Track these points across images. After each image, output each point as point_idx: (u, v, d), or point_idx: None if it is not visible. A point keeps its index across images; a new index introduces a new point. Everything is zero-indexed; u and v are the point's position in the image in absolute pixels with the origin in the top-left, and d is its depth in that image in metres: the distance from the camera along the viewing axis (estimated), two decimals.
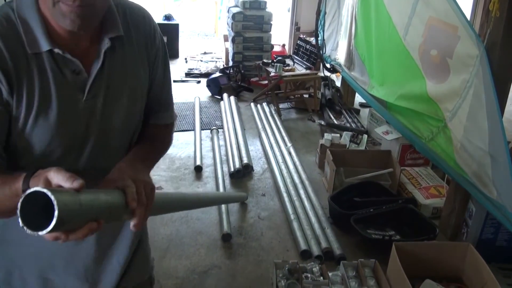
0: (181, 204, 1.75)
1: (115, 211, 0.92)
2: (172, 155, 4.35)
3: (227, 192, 3.67)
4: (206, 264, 2.87)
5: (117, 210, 0.93)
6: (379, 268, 2.54)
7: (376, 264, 2.57)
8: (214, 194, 3.49)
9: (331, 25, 5.93)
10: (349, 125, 5.11)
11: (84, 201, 0.83)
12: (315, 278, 2.50)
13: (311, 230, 3.09)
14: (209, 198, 2.87)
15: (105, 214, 0.89)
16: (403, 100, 3.54)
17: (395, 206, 3.19)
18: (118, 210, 0.93)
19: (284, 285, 2.44)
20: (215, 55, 8.60)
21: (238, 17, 6.71)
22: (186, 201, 1.88)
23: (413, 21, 3.37)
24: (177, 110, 5.54)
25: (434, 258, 2.56)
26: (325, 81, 6.00)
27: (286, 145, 4.44)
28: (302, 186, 3.67)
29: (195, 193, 2.26)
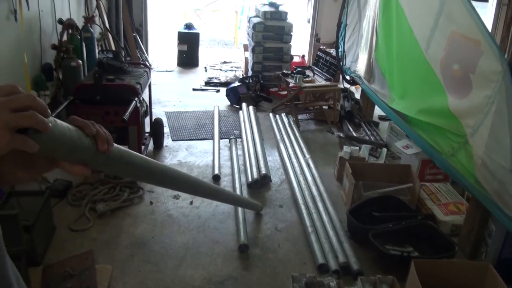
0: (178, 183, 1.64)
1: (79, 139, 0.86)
2: (190, 163, 4.37)
3: (243, 196, 3.68)
4: (223, 275, 2.86)
5: (80, 138, 0.86)
6: (397, 285, 2.52)
7: (394, 281, 2.55)
8: (228, 191, 3.47)
9: (351, 37, 5.92)
10: (368, 138, 5.08)
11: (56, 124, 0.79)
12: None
13: (329, 243, 3.08)
14: (221, 191, 2.82)
15: (75, 140, 0.85)
16: (423, 115, 3.52)
17: (414, 222, 3.16)
18: (82, 138, 0.87)
19: None
20: (234, 64, 8.64)
21: (259, 27, 6.74)
22: (186, 181, 1.77)
23: (435, 35, 3.36)
24: (197, 118, 5.58)
25: (453, 277, 2.53)
26: (344, 93, 5.99)
27: (304, 157, 4.43)
28: (320, 198, 3.65)
29: (204, 181, 2.19)
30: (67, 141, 0.82)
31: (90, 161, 0.92)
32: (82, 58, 4.90)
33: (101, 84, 3.75)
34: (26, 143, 0.70)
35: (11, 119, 0.67)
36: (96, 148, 0.90)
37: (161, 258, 2.97)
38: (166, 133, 4.97)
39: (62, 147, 0.82)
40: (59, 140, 0.80)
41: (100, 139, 0.90)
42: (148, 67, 4.78)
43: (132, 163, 1.10)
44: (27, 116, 0.69)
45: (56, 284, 2.62)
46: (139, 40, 7.77)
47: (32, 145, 0.71)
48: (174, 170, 1.59)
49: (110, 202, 3.53)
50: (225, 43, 11.44)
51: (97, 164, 0.95)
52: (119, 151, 1.03)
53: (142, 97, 4.04)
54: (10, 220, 2.57)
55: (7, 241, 1.75)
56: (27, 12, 4.11)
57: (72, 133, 0.84)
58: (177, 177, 1.59)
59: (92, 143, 0.89)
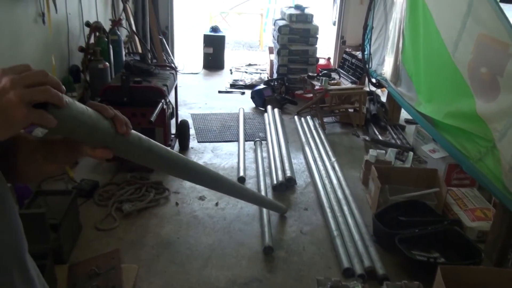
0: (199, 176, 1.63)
1: (98, 120, 0.88)
2: (216, 165, 4.39)
3: (268, 197, 3.67)
4: (247, 276, 2.87)
5: (99, 119, 0.88)
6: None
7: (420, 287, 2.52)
8: (252, 190, 3.45)
9: (377, 40, 5.88)
10: (394, 141, 5.04)
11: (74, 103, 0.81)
12: None
13: (354, 247, 3.06)
14: (244, 189, 2.80)
15: (95, 120, 0.86)
16: (451, 118, 3.47)
17: (441, 228, 3.13)
18: (101, 119, 0.88)
19: None
20: (259, 67, 8.65)
21: (284, 30, 6.74)
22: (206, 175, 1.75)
23: (463, 37, 3.31)
24: (222, 120, 5.60)
25: (479, 284, 2.49)
26: (370, 96, 5.95)
27: (330, 160, 4.41)
28: (346, 202, 3.64)
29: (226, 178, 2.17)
30: (86, 119, 0.83)
31: (111, 144, 0.93)
32: (109, 60, 4.97)
33: (129, 86, 3.80)
34: (42, 116, 0.72)
35: (25, 94, 0.70)
36: (115, 130, 0.92)
37: (186, 259, 2.99)
38: (191, 135, 5.01)
39: (81, 127, 0.83)
40: (79, 119, 0.81)
41: (118, 121, 0.92)
42: (175, 69, 4.81)
43: (152, 150, 1.11)
44: (40, 90, 0.71)
45: (82, 282, 2.65)
46: (165, 43, 7.84)
47: (50, 119, 0.73)
48: (196, 163, 1.60)
49: (136, 203, 3.57)
50: (250, 45, 11.47)
51: (117, 147, 0.96)
52: (139, 137, 1.04)
53: (169, 99, 4.07)
54: (38, 219, 2.61)
55: (34, 239, 1.78)
56: (55, 15, 4.19)
57: (90, 113, 0.85)
58: (198, 170, 1.59)
59: (111, 126, 0.91)
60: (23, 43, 3.68)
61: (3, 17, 3.33)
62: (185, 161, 1.40)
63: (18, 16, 3.59)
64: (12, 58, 3.49)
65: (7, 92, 0.69)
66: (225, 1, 13.83)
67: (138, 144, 1.04)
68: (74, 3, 4.80)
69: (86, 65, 4.78)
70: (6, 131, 0.71)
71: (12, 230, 1.00)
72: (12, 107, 0.69)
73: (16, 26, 3.55)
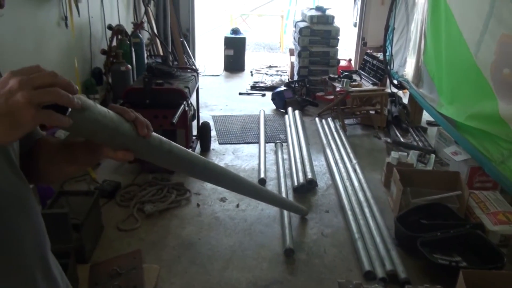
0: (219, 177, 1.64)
1: (120, 123, 0.89)
2: (237, 167, 4.40)
3: (288, 199, 3.66)
4: (268, 279, 2.87)
5: (121, 122, 0.90)
6: None
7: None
8: (272, 192, 3.44)
9: (399, 41, 5.85)
10: (416, 143, 5.00)
11: (96, 106, 0.83)
12: None
13: (376, 250, 3.04)
14: (264, 191, 2.79)
15: (116, 123, 0.88)
16: (473, 120, 3.44)
17: (463, 231, 3.09)
18: (122, 122, 0.90)
19: None
20: (280, 68, 8.66)
21: (305, 31, 6.73)
22: (226, 177, 1.75)
23: (485, 38, 3.27)
24: (243, 122, 5.61)
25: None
26: (392, 97, 5.91)
27: (351, 162, 4.40)
28: (367, 204, 3.62)
29: (246, 180, 2.18)
30: (108, 122, 0.85)
31: (132, 146, 0.95)
32: (131, 62, 5.02)
33: (150, 88, 3.84)
34: (52, 117, 0.72)
35: (33, 95, 0.70)
36: (137, 132, 0.93)
37: (207, 260, 3.01)
38: (213, 136, 5.03)
39: (103, 129, 0.85)
40: (100, 121, 0.83)
41: (139, 124, 0.93)
42: (196, 71, 4.84)
43: (173, 152, 1.12)
44: (49, 91, 0.72)
45: (103, 281, 2.69)
46: (186, 45, 7.89)
47: (62, 119, 0.74)
48: (216, 165, 1.61)
49: (158, 204, 3.60)
50: (270, 47, 11.48)
51: (139, 149, 0.98)
52: (160, 139, 1.06)
53: (190, 101, 4.10)
54: (60, 219, 2.65)
55: (56, 238, 1.80)
56: (77, 18, 4.25)
57: (112, 116, 0.87)
58: (219, 172, 1.59)
59: (133, 128, 0.92)
60: (46, 46, 3.74)
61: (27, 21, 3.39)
62: (205, 162, 1.41)
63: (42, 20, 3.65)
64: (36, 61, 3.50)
65: (15, 94, 0.70)
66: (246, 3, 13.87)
67: (159, 146, 1.05)
68: (97, 6, 4.86)
69: (108, 67, 4.84)
70: (16, 132, 0.72)
71: (34, 230, 1.02)
72: (20, 108, 0.69)
73: (40, 29, 3.61)
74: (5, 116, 0.70)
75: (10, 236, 0.94)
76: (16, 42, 3.20)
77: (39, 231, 1.04)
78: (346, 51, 9.01)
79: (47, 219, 1.26)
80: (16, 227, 0.96)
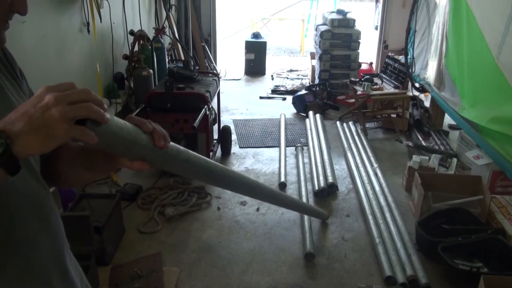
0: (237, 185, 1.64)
1: (137, 134, 0.91)
2: (257, 171, 4.41)
3: (308, 204, 3.65)
4: (288, 283, 2.87)
5: (138, 134, 0.91)
6: None
7: None
8: (292, 197, 3.43)
9: (420, 43, 5.81)
10: (438, 147, 4.95)
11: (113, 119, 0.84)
12: None
13: (397, 255, 3.02)
14: (284, 196, 2.78)
15: (133, 135, 0.89)
16: (495, 124, 3.40)
17: (484, 236, 3.05)
18: (139, 134, 0.91)
19: None
20: (301, 72, 8.65)
21: (326, 35, 6.72)
22: (245, 184, 1.75)
23: (507, 40, 3.24)
24: (263, 126, 5.62)
25: None
26: (413, 100, 5.86)
27: (372, 166, 4.38)
28: (388, 209, 3.59)
29: (266, 186, 2.20)
30: (125, 135, 0.86)
31: (149, 157, 0.97)
32: (153, 67, 5.07)
33: (172, 92, 3.87)
34: (83, 133, 0.75)
35: (68, 110, 0.73)
36: (153, 143, 0.94)
37: (227, 263, 3.02)
38: (233, 140, 5.05)
39: (121, 141, 0.86)
40: (118, 134, 0.84)
41: (156, 135, 0.95)
42: (217, 75, 4.87)
43: (190, 161, 1.14)
44: (83, 106, 0.75)
45: (124, 283, 2.72)
46: (207, 50, 7.93)
47: (91, 136, 0.76)
48: (234, 172, 1.62)
49: (179, 207, 3.63)
50: (291, 51, 11.48)
51: (156, 160, 1.00)
52: (177, 149, 1.07)
53: (211, 105, 4.12)
54: (82, 221, 2.69)
55: (78, 240, 1.83)
56: (99, 24, 4.30)
57: (129, 128, 0.89)
58: (237, 179, 1.60)
59: (150, 139, 0.94)
60: (68, 51, 3.80)
61: (50, 27, 3.45)
62: (223, 170, 1.42)
63: (64, 26, 3.70)
64: (59, 67, 3.61)
65: (50, 108, 0.73)
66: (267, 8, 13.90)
67: (176, 156, 1.07)
68: (119, 12, 4.92)
69: (130, 72, 4.89)
70: (48, 145, 0.74)
71: (52, 234, 1.05)
72: (55, 122, 0.72)
73: (62, 35, 3.67)
74: (40, 129, 0.73)
75: (26, 238, 0.97)
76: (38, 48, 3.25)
77: (57, 236, 1.07)
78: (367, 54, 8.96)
79: (68, 221, 1.28)
80: (33, 230, 0.98)
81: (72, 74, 3.84)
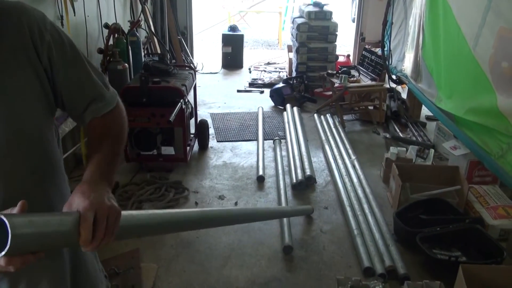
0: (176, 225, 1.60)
1: (68, 236, 0.94)
2: (235, 164, 4.39)
3: (290, 206, 3.61)
4: (267, 276, 2.86)
5: (69, 235, 0.94)
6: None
7: (442, 287, 2.48)
8: (269, 209, 3.38)
9: (397, 36, 5.82)
10: (415, 138, 4.98)
11: (35, 221, 0.89)
12: None
13: (375, 246, 3.02)
14: (261, 212, 2.76)
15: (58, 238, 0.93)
16: (472, 114, 3.42)
17: (462, 226, 3.07)
18: (71, 236, 0.94)
19: None
20: (278, 65, 8.63)
21: (303, 27, 6.70)
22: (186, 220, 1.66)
23: (483, 32, 3.25)
24: (241, 120, 5.59)
25: (502, 284, 2.43)
26: (390, 92, 5.89)
27: (350, 158, 4.38)
28: (366, 200, 3.60)
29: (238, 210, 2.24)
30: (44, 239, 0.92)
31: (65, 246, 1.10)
32: (128, 61, 4.99)
33: (147, 87, 3.82)
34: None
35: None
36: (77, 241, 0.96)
37: (206, 258, 2.99)
38: (211, 134, 5.02)
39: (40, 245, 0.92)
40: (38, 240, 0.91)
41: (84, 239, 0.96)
42: (193, 69, 4.82)
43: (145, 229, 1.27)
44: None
45: None
46: (184, 43, 7.86)
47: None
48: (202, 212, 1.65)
49: (156, 202, 3.59)
50: (268, 44, 11.45)
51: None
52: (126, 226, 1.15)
53: (188, 99, 4.08)
54: None
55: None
56: (73, 17, 4.21)
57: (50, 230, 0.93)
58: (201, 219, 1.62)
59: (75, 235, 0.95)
60: None
61: None
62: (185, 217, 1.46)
63: None
64: None
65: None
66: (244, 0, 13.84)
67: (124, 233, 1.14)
68: (93, 5, 4.83)
69: (105, 66, 4.81)
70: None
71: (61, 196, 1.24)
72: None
73: None
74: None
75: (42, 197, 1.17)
76: None
77: (65, 197, 1.20)
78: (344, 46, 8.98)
79: None
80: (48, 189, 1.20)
81: None
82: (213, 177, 4.12)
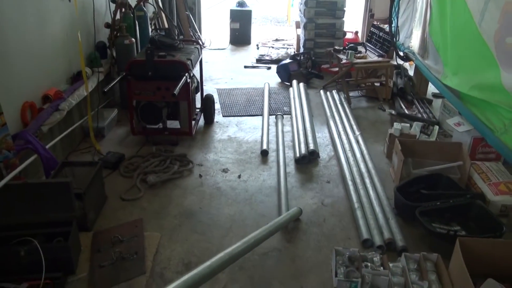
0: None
1: None
2: (240, 139, 4.42)
3: (277, 220, 3.08)
4: (267, 246, 2.90)
5: None
6: (441, 263, 2.49)
7: (439, 259, 2.52)
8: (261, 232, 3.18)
9: (405, 12, 5.78)
10: (421, 115, 4.98)
11: None
12: (375, 268, 2.49)
13: (375, 219, 3.06)
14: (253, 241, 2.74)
15: None
16: (476, 90, 3.41)
17: (463, 201, 3.09)
18: None
19: (343, 272, 2.44)
20: (286, 42, 8.60)
21: (311, 3, 6.67)
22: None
23: (489, 6, 3.23)
24: (247, 95, 5.61)
25: (498, 257, 2.47)
26: (397, 69, 5.87)
27: (354, 133, 4.40)
28: (368, 175, 3.63)
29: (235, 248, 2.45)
30: None
31: None
32: (135, 36, 5.01)
33: (153, 60, 3.84)
34: None
35: None
36: None
37: (207, 228, 3.05)
38: (217, 109, 5.05)
39: None
40: None
41: None
42: (199, 43, 4.83)
43: None
44: None
45: (105, 248, 2.74)
46: (192, 19, 7.84)
47: None
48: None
49: (161, 174, 3.63)
50: (277, 20, 11.40)
51: None
52: None
53: (193, 73, 4.10)
54: (63, 188, 2.69)
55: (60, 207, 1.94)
56: None
57: None
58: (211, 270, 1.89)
59: None
60: (49, 21, 3.73)
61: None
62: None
63: None
64: (40, 36, 3.55)
65: None
66: None
67: None
68: None
69: (112, 41, 4.83)
70: None
71: None
72: None
73: (42, 5, 3.60)
74: None
75: None
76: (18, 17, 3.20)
77: None
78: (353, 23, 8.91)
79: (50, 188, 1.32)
80: None
81: (53, 44, 3.79)
82: (218, 150, 4.16)
